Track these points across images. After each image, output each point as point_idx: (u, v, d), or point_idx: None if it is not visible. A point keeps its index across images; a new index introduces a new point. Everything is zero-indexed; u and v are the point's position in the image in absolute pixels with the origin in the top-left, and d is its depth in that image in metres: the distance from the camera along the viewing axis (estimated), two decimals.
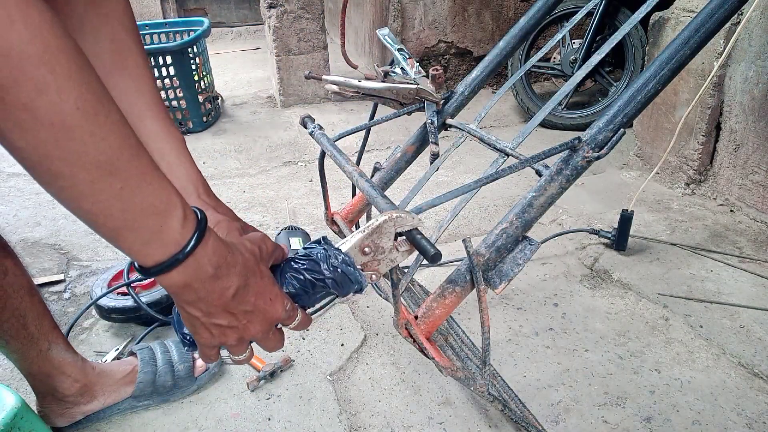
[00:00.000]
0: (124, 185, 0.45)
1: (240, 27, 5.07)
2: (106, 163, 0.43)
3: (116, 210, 0.45)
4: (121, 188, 0.44)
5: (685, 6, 1.77)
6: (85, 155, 0.42)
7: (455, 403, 1.11)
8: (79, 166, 0.42)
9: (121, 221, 0.46)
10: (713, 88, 1.71)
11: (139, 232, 0.47)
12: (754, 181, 1.68)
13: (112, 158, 0.43)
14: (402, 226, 0.67)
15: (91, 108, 0.42)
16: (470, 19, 3.07)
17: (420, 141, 1.24)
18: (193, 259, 0.51)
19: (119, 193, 0.44)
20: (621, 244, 1.55)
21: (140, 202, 0.46)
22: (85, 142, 0.42)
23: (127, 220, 0.46)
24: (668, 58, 0.96)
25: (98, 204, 0.44)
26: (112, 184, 0.44)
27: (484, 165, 2.11)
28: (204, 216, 0.52)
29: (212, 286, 0.54)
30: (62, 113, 0.40)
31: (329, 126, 2.67)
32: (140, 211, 0.46)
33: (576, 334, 1.29)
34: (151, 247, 0.49)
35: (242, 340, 0.61)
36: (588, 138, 0.93)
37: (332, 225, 1.25)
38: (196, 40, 2.56)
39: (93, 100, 0.42)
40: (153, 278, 0.51)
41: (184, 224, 0.50)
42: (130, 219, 0.46)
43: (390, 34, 1.20)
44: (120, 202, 0.45)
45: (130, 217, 0.46)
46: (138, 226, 0.47)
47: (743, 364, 1.17)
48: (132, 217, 0.46)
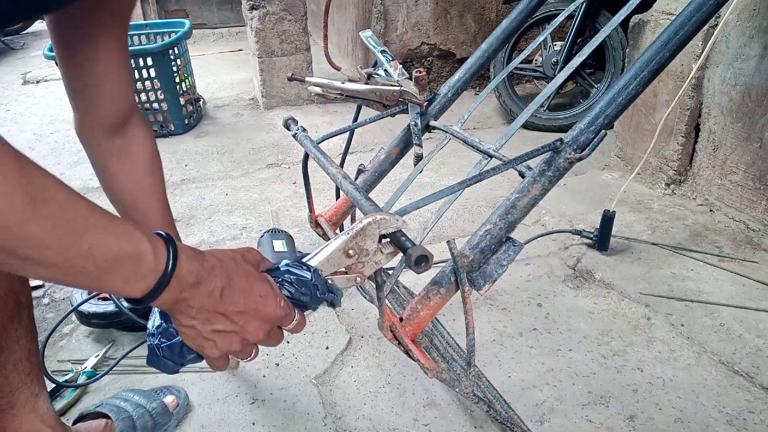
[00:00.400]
0: (91, 244, 0.48)
1: (222, 28, 5.03)
2: (68, 233, 0.46)
3: (91, 266, 0.48)
4: (88, 248, 0.47)
5: (665, 9, 1.79)
6: (48, 234, 0.45)
7: (441, 404, 1.11)
8: (45, 247, 0.45)
9: (97, 274, 0.49)
10: (692, 89, 1.74)
11: (118, 276, 0.51)
12: (732, 181, 1.71)
13: (71, 228, 0.47)
14: (386, 228, 0.67)
15: (38, 197, 0.45)
16: (453, 21, 3.08)
17: (404, 143, 1.24)
18: (175, 277, 0.54)
19: (88, 252, 0.47)
20: (603, 244, 1.56)
21: (109, 252, 0.49)
22: (43, 227, 0.45)
23: (103, 271, 0.49)
24: (648, 60, 0.98)
25: (73, 268, 0.47)
26: (79, 249, 0.47)
27: (467, 166, 2.12)
28: (169, 236, 0.55)
29: (197, 292, 0.56)
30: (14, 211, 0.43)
31: (313, 128, 2.66)
32: (113, 260, 0.49)
33: (560, 334, 1.30)
34: (133, 283, 0.52)
35: (245, 343, 0.61)
36: (570, 139, 0.94)
37: (316, 227, 1.25)
38: (177, 41, 2.53)
39: (36, 190, 0.45)
40: (147, 304, 0.54)
41: (156, 252, 0.53)
42: (106, 269, 0.49)
43: (373, 36, 1.20)
44: (92, 259, 0.48)
45: (105, 267, 0.49)
46: (115, 272, 0.50)
47: (724, 362, 1.19)
48: (107, 267, 0.49)
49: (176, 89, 2.59)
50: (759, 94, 1.58)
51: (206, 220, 1.86)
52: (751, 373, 1.15)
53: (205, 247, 1.70)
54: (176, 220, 1.87)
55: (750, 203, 1.67)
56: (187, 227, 1.82)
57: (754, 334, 1.25)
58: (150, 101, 2.57)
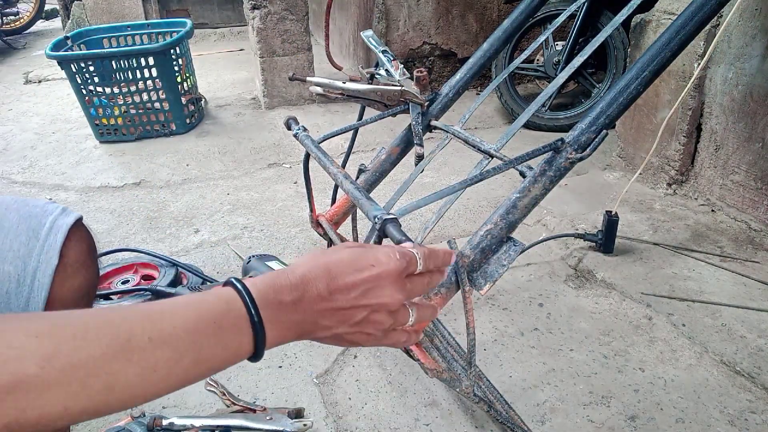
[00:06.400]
0: (192, 359, 0.46)
1: (223, 28, 5.03)
2: (171, 363, 0.45)
3: (195, 375, 0.47)
4: (192, 362, 0.46)
5: (666, 8, 1.79)
6: (149, 383, 0.44)
7: (442, 404, 1.11)
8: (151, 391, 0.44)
9: (203, 374, 0.48)
10: (694, 89, 1.74)
11: (221, 364, 0.48)
12: (734, 181, 1.70)
13: (158, 368, 0.44)
14: None
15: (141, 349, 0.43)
16: (454, 21, 3.08)
17: (405, 143, 1.24)
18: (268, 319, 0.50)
19: (192, 367, 0.46)
20: (608, 247, 1.56)
21: (206, 355, 0.47)
22: (146, 378, 0.43)
23: (205, 371, 0.48)
24: (650, 59, 0.98)
25: (179, 383, 0.46)
26: (188, 368, 0.46)
27: (468, 166, 2.11)
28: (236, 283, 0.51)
29: (305, 306, 0.52)
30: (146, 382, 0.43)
31: (314, 128, 2.66)
32: (211, 357, 0.47)
33: (561, 333, 1.29)
34: (238, 355, 0.49)
35: (393, 313, 0.56)
36: (571, 139, 0.94)
37: (317, 227, 1.25)
38: (178, 41, 2.53)
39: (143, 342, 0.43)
40: (261, 350, 0.51)
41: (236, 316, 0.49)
42: (207, 368, 0.48)
43: (374, 36, 1.20)
44: (196, 368, 0.46)
45: (206, 367, 0.47)
46: (215, 364, 0.48)
47: (725, 362, 1.18)
48: (208, 366, 0.47)
49: (178, 89, 2.59)
50: (761, 94, 1.58)
51: (207, 220, 1.86)
52: (753, 373, 1.14)
53: (207, 246, 1.70)
54: (178, 219, 1.88)
55: (752, 203, 1.66)
56: (189, 227, 1.83)
57: (755, 334, 1.25)
58: (152, 101, 2.58)
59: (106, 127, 2.56)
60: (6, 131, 2.81)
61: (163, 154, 2.43)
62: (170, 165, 2.31)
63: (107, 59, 2.45)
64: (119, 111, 2.54)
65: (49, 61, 3.44)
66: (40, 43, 5.03)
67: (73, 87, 2.48)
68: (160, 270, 1.45)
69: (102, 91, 2.53)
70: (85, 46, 2.75)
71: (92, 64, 2.43)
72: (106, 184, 2.15)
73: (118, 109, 2.54)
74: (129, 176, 2.22)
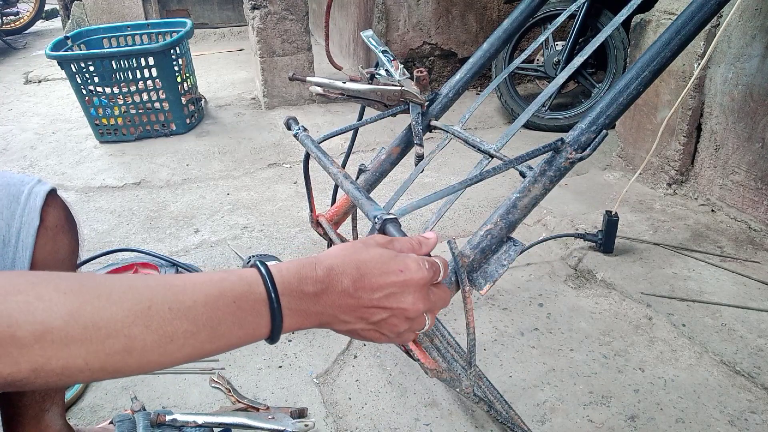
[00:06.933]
0: (208, 334, 0.47)
1: (223, 28, 5.03)
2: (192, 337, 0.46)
3: (210, 349, 0.48)
4: (208, 336, 0.47)
5: (666, 8, 1.79)
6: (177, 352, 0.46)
7: (442, 404, 1.11)
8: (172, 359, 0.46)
9: (218, 350, 0.49)
10: (694, 89, 1.74)
11: (237, 342, 0.49)
12: (734, 181, 1.70)
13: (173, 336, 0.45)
14: None
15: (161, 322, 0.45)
16: (454, 21, 3.07)
17: (405, 143, 1.24)
18: (287, 307, 0.50)
19: (207, 341, 0.47)
20: (608, 247, 1.56)
21: (222, 332, 0.48)
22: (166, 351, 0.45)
23: (220, 347, 0.48)
24: (650, 59, 0.98)
25: (194, 355, 0.47)
26: (203, 342, 0.47)
27: (468, 166, 2.11)
28: (260, 267, 0.51)
29: (328, 299, 0.52)
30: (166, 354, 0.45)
31: (314, 128, 2.66)
32: (227, 334, 0.48)
33: (561, 333, 1.29)
34: (254, 336, 0.50)
35: (410, 320, 0.56)
36: (571, 139, 0.94)
37: (317, 227, 1.24)
38: (178, 41, 2.53)
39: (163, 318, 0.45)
40: (277, 333, 0.52)
41: (256, 299, 0.50)
42: (223, 344, 0.48)
43: (374, 35, 1.19)
44: (211, 342, 0.47)
45: (222, 343, 0.48)
46: (231, 341, 0.49)
47: (725, 362, 1.18)
48: (223, 342, 0.48)
49: (178, 89, 2.59)
50: (761, 94, 1.58)
51: (207, 220, 1.86)
52: (753, 373, 1.14)
53: (207, 246, 1.70)
54: (178, 219, 1.88)
55: (752, 203, 1.66)
56: (189, 227, 1.83)
57: (755, 334, 1.25)
58: (152, 101, 2.58)
59: (106, 127, 2.56)
60: (6, 131, 2.82)
61: (163, 154, 2.43)
62: (170, 165, 2.31)
63: (107, 59, 2.45)
64: (119, 111, 2.54)
65: (49, 61, 3.45)
66: (40, 43, 5.03)
67: (73, 87, 2.48)
68: (159, 270, 1.45)
69: (102, 91, 2.53)
70: (85, 46, 2.75)
71: (92, 64, 2.43)
72: (106, 184, 2.15)
73: (118, 109, 2.54)
74: (129, 176, 2.22)
